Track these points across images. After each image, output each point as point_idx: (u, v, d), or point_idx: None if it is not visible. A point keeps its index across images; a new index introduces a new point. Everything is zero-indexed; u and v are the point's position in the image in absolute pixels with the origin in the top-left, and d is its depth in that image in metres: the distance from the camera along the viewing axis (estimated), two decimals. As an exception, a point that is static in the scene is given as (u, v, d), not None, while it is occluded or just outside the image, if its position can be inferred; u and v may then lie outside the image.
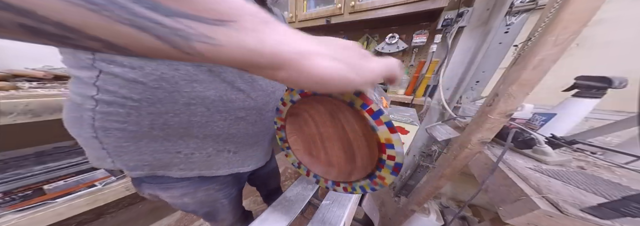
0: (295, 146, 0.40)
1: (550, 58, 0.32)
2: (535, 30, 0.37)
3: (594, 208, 0.25)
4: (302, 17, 1.22)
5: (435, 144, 0.88)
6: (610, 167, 0.39)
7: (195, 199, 0.45)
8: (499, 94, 0.38)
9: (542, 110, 0.53)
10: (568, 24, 0.29)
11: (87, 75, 0.28)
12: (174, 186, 0.41)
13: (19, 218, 0.52)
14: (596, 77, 0.42)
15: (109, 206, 0.96)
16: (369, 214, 1.03)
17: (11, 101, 0.44)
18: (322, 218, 0.44)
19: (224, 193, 0.51)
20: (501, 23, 0.70)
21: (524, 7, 0.65)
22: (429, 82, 0.98)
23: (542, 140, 0.41)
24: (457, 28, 0.84)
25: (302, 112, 0.35)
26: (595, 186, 0.31)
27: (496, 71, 0.79)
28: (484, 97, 0.79)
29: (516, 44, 0.70)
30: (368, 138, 0.28)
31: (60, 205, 0.58)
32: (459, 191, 1.18)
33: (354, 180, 0.34)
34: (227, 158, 0.42)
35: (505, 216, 0.32)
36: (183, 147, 0.36)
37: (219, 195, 0.50)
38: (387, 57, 0.21)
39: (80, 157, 0.61)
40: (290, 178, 1.60)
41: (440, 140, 0.60)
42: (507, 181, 0.35)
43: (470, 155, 0.48)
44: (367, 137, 0.28)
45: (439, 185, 0.62)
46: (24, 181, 0.52)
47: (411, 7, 0.86)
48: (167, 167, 0.37)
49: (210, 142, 0.38)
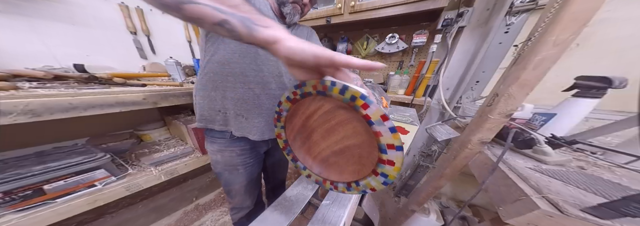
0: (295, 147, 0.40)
1: (550, 59, 0.32)
2: (535, 30, 0.37)
3: (594, 208, 0.25)
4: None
5: (435, 144, 0.88)
6: (610, 167, 0.39)
7: (223, 157, 0.64)
8: (499, 94, 0.38)
9: (542, 110, 0.53)
10: (568, 24, 0.29)
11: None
12: (215, 141, 0.63)
13: (19, 218, 0.52)
14: (596, 77, 0.42)
15: (109, 206, 0.96)
16: (369, 214, 1.03)
17: (11, 101, 0.44)
18: (322, 218, 0.44)
19: (242, 160, 0.66)
20: (501, 23, 0.70)
21: (524, 7, 0.65)
22: (429, 82, 0.98)
23: (542, 140, 0.41)
24: (457, 28, 0.84)
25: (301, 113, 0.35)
26: (595, 186, 0.31)
27: (496, 71, 0.79)
28: (484, 97, 0.79)
29: (516, 44, 0.70)
30: (367, 135, 0.28)
31: (60, 205, 0.58)
32: (459, 191, 1.18)
33: (357, 180, 0.34)
34: (242, 122, 0.59)
35: (505, 216, 0.32)
36: (220, 106, 0.57)
37: (238, 161, 0.66)
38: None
39: (80, 157, 0.61)
40: (290, 178, 1.60)
41: (440, 140, 0.60)
42: (507, 181, 0.35)
43: (470, 155, 0.48)
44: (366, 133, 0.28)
45: (439, 185, 0.62)
46: (24, 181, 0.52)
47: (411, 7, 0.86)
48: (213, 122, 0.59)
49: (234, 104, 0.56)
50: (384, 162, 0.27)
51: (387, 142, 0.25)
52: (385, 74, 1.27)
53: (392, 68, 1.25)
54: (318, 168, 0.38)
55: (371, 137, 0.26)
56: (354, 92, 0.25)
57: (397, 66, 1.22)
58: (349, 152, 0.32)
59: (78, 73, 0.72)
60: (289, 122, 0.37)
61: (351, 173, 0.33)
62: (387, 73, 1.25)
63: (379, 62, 0.24)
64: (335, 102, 0.28)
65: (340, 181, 0.34)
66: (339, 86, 0.25)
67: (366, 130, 0.27)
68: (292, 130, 0.38)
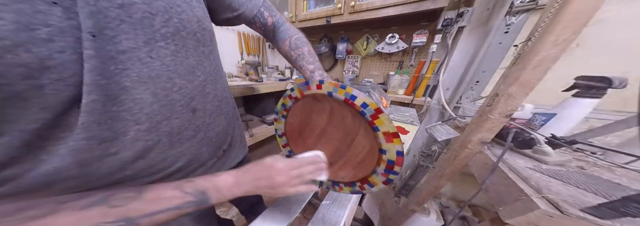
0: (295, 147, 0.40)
1: (550, 58, 0.32)
2: (535, 30, 0.37)
3: (594, 208, 0.25)
4: (302, 17, 1.22)
5: (435, 144, 0.88)
6: (610, 167, 0.39)
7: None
8: (499, 94, 0.38)
9: (542, 110, 0.52)
10: (568, 24, 0.29)
11: None
12: None
13: (19, 218, 0.52)
14: (596, 77, 0.42)
15: (109, 206, 0.96)
16: (369, 214, 1.03)
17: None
18: (322, 218, 0.44)
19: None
20: (501, 23, 0.70)
21: (524, 7, 0.65)
22: (429, 82, 0.98)
23: (542, 140, 0.41)
24: (457, 28, 0.84)
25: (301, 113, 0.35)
26: (595, 186, 0.31)
27: (496, 71, 0.79)
28: (484, 97, 0.79)
29: (516, 44, 0.70)
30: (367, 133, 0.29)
31: (60, 205, 0.58)
32: (458, 191, 1.18)
33: (360, 178, 0.34)
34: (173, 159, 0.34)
35: (505, 216, 0.32)
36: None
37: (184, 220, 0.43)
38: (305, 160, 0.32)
39: (80, 157, 0.61)
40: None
41: (440, 140, 0.60)
42: (507, 181, 0.35)
43: (470, 155, 0.48)
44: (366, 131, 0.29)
45: (439, 185, 0.62)
46: (24, 181, 0.52)
47: (411, 7, 0.86)
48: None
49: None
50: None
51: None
52: (385, 74, 1.27)
53: (392, 68, 1.25)
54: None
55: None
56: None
57: (397, 66, 1.22)
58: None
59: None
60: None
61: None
62: (387, 73, 1.25)
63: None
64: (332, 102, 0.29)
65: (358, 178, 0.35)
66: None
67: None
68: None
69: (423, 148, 0.96)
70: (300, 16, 1.23)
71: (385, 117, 0.26)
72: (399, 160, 0.27)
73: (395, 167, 0.28)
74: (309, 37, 0.50)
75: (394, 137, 0.26)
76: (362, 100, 0.27)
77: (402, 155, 0.27)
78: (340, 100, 0.29)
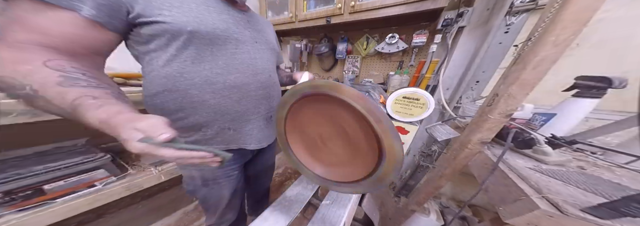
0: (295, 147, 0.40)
1: (550, 59, 0.32)
2: (535, 30, 0.37)
3: (594, 208, 0.25)
4: (302, 17, 1.22)
5: (435, 144, 0.88)
6: (610, 167, 0.39)
7: (201, 172, 0.57)
8: (499, 94, 0.38)
9: (542, 110, 0.52)
10: (568, 24, 0.29)
11: None
12: None
13: (19, 218, 0.52)
14: (596, 77, 0.42)
15: (109, 206, 0.96)
16: (369, 214, 1.03)
17: (11, 101, 0.44)
18: (322, 218, 0.44)
19: (224, 172, 0.60)
20: (501, 23, 0.70)
21: (524, 7, 0.65)
22: (429, 82, 0.98)
23: (542, 140, 0.41)
24: (457, 28, 0.84)
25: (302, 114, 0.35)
26: (595, 186, 0.31)
27: (496, 71, 0.79)
28: (484, 97, 0.79)
29: (516, 44, 0.70)
30: (366, 132, 0.29)
31: (60, 205, 0.58)
32: (458, 191, 1.18)
33: (358, 180, 0.34)
34: (231, 135, 0.52)
35: (505, 216, 0.32)
36: (193, 125, 0.48)
37: (219, 173, 0.59)
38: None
39: (80, 157, 0.61)
40: (290, 178, 1.60)
41: (440, 140, 0.60)
42: (507, 181, 0.35)
43: (470, 155, 0.48)
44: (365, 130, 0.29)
45: (439, 185, 0.62)
46: (24, 181, 0.52)
47: (411, 7, 0.86)
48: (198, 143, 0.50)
49: (212, 119, 0.48)
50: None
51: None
52: (385, 74, 1.27)
53: (392, 68, 1.25)
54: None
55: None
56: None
57: (397, 66, 1.22)
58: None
59: (78, 73, 0.72)
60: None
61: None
62: (387, 73, 1.25)
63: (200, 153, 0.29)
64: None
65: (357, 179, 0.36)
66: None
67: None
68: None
69: (423, 148, 0.96)
70: (300, 16, 1.23)
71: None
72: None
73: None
74: (309, 37, 0.49)
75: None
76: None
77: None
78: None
